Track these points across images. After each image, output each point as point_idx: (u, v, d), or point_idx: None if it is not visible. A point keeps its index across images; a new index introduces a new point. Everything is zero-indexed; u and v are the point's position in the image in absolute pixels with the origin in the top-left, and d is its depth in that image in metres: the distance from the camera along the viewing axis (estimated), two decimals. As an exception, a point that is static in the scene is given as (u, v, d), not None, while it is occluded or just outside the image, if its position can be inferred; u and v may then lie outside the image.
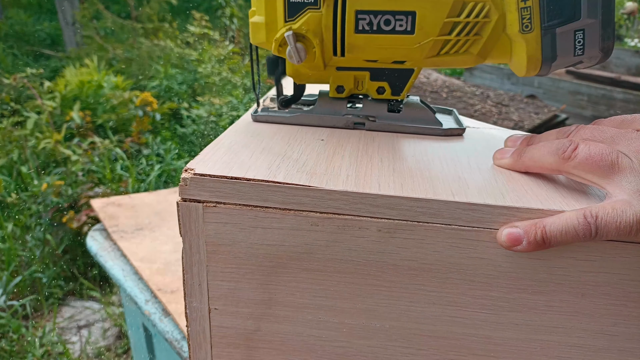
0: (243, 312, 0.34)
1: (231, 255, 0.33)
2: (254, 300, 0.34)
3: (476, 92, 1.63)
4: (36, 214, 2.06)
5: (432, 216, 0.31)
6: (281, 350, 0.35)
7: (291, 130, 0.42)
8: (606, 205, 0.28)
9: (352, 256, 0.32)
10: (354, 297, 0.33)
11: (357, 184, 0.31)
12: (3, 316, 1.66)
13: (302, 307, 0.34)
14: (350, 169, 0.34)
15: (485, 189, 0.32)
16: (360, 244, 0.32)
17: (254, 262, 0.33)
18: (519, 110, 1.49)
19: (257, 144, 0.37)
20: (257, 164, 0.33)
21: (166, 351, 0.71)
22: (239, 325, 0.35)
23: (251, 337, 0.35)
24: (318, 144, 0.39)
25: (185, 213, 0.32)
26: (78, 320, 1.74)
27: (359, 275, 0.33)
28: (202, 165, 0.32)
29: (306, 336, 0.35)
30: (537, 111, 1.49)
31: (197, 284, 0.34)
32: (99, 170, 2.30)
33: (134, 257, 0.72)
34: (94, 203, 0.86)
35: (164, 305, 0.64)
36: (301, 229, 0.32)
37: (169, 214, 0.85)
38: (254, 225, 0.32)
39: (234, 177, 0.31)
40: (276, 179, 0.31)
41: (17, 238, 2.07)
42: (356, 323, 0.34)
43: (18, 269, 1.91)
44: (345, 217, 0.31)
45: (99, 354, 1.58)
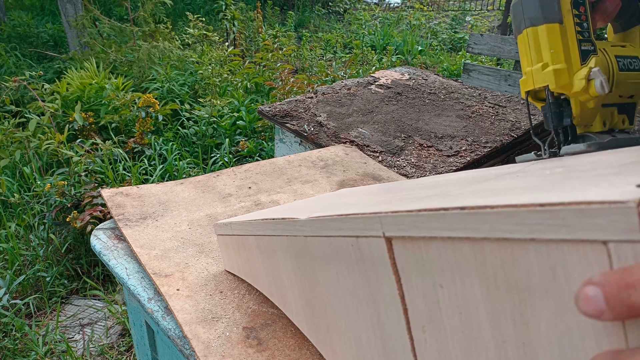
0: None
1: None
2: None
3: (473, 93, 1.65)
4: (39, 213, 2.09)
5: None
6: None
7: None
8: None
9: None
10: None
11: None
12: (6, 314, 1.68)
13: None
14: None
15: None
16: None
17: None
18: (516, 111, 1.50)
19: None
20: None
21: (169, 349, 0.73)
22: None
23: None
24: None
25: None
26: (81, 318, 1.76)
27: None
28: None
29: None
30: (534, 112, 1.51)
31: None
32: (101, 171, 2.32)
33: (135, 244, 0.74)
34: (104, 192, 0.89)
35: (156, 286, 0.66)
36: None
37: (174, 204, 0.87)
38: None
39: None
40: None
41: (20, 237, 2.09)
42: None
43: (22, 267, 1.93)
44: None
45: (101, 352, 1.60)
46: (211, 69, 3.39)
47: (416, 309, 0.33)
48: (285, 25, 6.24)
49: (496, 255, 0.26)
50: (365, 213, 0.35)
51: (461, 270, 0.28)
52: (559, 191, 0.24)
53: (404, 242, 0.32)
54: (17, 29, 5.32)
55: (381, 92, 1.60)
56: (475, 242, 0.27)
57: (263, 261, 0.57)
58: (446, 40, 6.16)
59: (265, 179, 0.99)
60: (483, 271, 0.27)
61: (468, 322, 0.29)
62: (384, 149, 1.21)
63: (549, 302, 0.24)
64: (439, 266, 0.30)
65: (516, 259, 0.25)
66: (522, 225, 0.23)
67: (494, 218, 0.25)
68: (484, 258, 0.27)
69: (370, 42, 5.88)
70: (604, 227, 0.20)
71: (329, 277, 0.43)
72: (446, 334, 0.31)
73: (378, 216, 0.33)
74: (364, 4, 8.38)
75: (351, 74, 3.92)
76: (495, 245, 0.25)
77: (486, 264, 0.27)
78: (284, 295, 0.55)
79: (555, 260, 0.23)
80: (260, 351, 0.55)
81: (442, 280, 0.30)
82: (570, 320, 0.23)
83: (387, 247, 0.33)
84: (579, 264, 0.22)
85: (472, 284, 0.28)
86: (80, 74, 3.16)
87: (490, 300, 0.27)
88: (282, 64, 3.65)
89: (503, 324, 0.27)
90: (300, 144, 1.37)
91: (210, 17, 6.36)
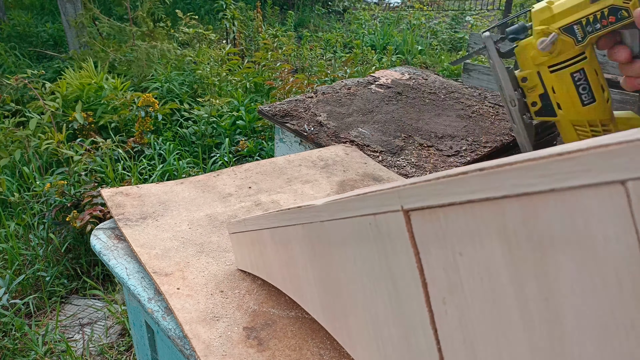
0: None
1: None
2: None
3: (473, 93, 1.65)
4: (39, 213, 2.09)
5: None
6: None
7: None
8: None
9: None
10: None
11: None
12: (6, 314, 1.68)
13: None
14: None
15: None
16: None
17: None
18: (516, 111, 1.50)
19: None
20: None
21: (169, 348, 0.73)
22: None
23: None
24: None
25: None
26: (81, 318, 1.76)
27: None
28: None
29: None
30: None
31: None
32: (101, 170, 2.32)
33: (135, 243, 0.74)
34: (104, 192, 0.89)
35: (156, 285, 0.66)
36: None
37: (174, 203, 0.87)
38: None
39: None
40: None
41: (20, 237, 2.09)
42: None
43: (21, 267, 1.93)
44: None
45: (101, 352, 1.60)
46: (209, 68, 3.39)
47: (436, 282, 0.33)
48: (285, 25, 6.24)
49: (517, 212, 0.25)
50: (384, 189, 0.35)
51: (481, 234, 0.28)
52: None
53: (422, 213, 0.32)
54: (16, 29, 5.31)
55: (381, 92, 1.60)
56: (495, 202, 0.26)
57: (277, 253, 0.58)
58: (446, 40, 6.16)
59: (266, 178, 0.99)
60: (504, 231, 0.27)
61: (490, 287, 0.29)
62: (384, 149, 1.21)
63: (570, 252, 0.24)
64: (458, 233, 0.30)
65: (537, 213, 0.24)
66: (542, 177, 0.23)
67: (514, 174, 0.24)
68: (504, 217, 0.26)
69: (370, 42, 5.88)
70: (622, 166, 0.20)
71: (346, 259, 0.43)
72: (467, 303, 0.30)
73: (397, 190, 0.33)
74: (364, 4, 8.37)
75: (351, 74, 3.92)
76: (516, 202, 0.25)
77: (506, 223, 0.26)
78: (299, 286, 0.56)
79: (574, 207, 0.23)
80: (260, 351, 0.55)
81: (462, 248, 0.30)
82: (592, 267, 0.23)
83: (406, 220, 0.33)
84: (598, 208, 0.22)
85: (492, 247, 0.28)
86: (80, 74, 3.16)
87: (512, 260, 0.27)
88: (281, 64, 3.65)
89: (525, 283, 0.26)
90: (300, 144, 1.37)
91: (210, 16, 6.36)
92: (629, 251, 0.21)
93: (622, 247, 0.21)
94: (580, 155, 0.21)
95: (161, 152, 2.61)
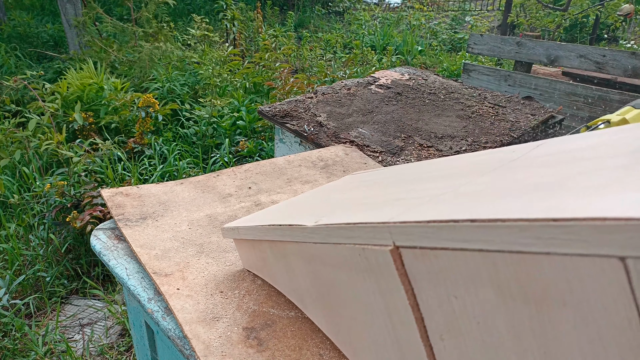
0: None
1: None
2: None
3: (473, 93, 1.65)
4: (39, 213, 2.09)
5: None
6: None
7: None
8: None
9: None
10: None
11: None
12: (6, 314, 1.68)
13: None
14: None
15: None
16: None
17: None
18: (516, 111, 1.50)
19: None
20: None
21: (168, 349, 0.73)
22: None
23: None
24: None
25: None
26: (81, 318, 1.76)
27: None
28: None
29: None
30: (534, 112, 1.51)
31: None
32: (101, 171, 2.32)
33: (135, 244, 0.74)
34: (104, 192, 0.89)
35: (156, 285, 0.66)
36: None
37: (174, 204, 0.87)
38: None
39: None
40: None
41: (20, 237, 2.09)
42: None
43: (21, 267, 1.93)
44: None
45: (101, 352, 1.60)
46: (211, 69, 3.39)
47: (433, 318, 0.32)
48: (285, 25, 6.24)
49: (509, 267, 0.25)
50: (374, 222, 0.34)
51: (475, 281, 0.28)
52: (571, 196, 0.24)
53: (414, 252, 0.32)
54: (17, 29, 5.32)
55: (381, 92, 1.60)
56: (487, 254, 0.26)
57: (278, 262, 0.57)
58: (446, 41, 6.16)
59: (265, 179, 0.99)
60: (497, 282, 0.27)
61: (487, 331, 0.29)
62: (384, 149, 1.21)
63: (568, 314, 0.24)
64: (451, 277, 0.29)
65: (531, 272, 0.24)
66: (536, 239, 0.23)
67: (507, 231, 0.24)
68: (497, 270, 0.26)
69: (370, 42, 5.88)
70: (621, 243, 0.20)
71: (341, 282, 0.43)
72: (465, 343, 0.30)
73: (387, 226, 0.33)
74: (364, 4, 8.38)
75: (351, 74, 3.92)
76: (509, 257, 0.25)
77: (500, 275, 0.26)
78: (301, 296, 0.56)
79: (571, 273, 0.23)
80: (260, 351, 0.55)
81: (456, 291, 0.30)
82: (591, 331, 0.23)
83: (394, 257, 0.33)
84: (596, 278, 0.22)
85: (486, 294, 0.28)
86: (81, 74, 3.16)
87: (507, 310, 0.27)
88: (281, 64, 3.65)
89: (522, 334, 0.26)
90: (300, 144, 1.37)
91: (210, 17, 6.36)
92: (630, 325, 0.21)
93: (622, 320, 0.21)
94: (576, 224, 0.21)
95: (162, 152, 2.61)
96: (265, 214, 0.66)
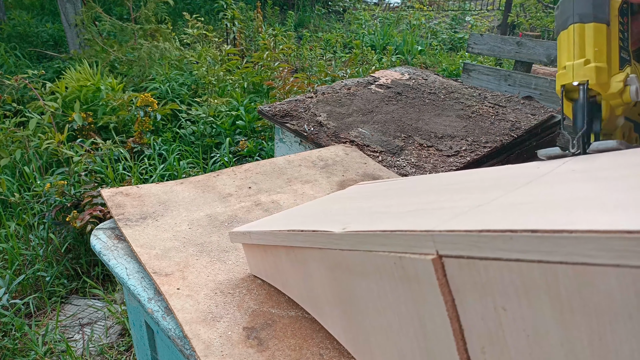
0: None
1: None
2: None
3: (473, 93, 1.65)
4: (39, 213, 2.09)
5: None
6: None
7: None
8: None
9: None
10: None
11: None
12: (6, 314, 1.68)
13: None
14: None
15: None
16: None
17: None
18: (516, 111, 1.50)
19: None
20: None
21: (169, 349, 0.73)
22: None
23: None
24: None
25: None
26: (81, 318, 1.76)
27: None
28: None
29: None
30: (534, 112, 1.51)
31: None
32: (101, 171, 2.32)
33: (135, 244, 0.74)
34: (104, 192, 0.89)
35: (156, 285, 0.65)
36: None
37: (174, 204, 0.87)
38: None
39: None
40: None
41: (20, 237, 2.09)
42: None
43: (21, 267, 1.93)
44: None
45: (101, 352, 1.60)
46: (206, 67, 3.39)
47: (474, 330, 0.32)
48: (285, 25, 6.24)
49: (572, 279, 0.25)
50: (415, 230, 0.33)
51: (528, 293, 0.27)
52: (634, 211, 0.23)
53: (458, 262, 0.31)
54: (17, 29, 5.31)
55: (381, 92, 1.60)
56: (547, 266, 0.26)
57: (293, 268, 0.56)
58: (446, 40, 6.16)
59: (265, 178, 0.99)
60: (555, 295, 0.26)
61: (537, 345, 0.28)
62: (384, 149, 1.21)
63: (634, 327, 0.23)
64: (501, 288, 0.29)
65: (595, 284, 0.24)
66: (605, 251, 0.23)
67: (572, 242, 0.24)
68: (556, 282, 0.26)
69: (370, 42, 5.88)
70: None
71: (368, 290, 0.41)
72: (510, 356, 0.30)
73: (431, 234, 0.32)
74: (364, 4, 8.38)
75: (351, 74, 3.92)
76: (571, 269, 0.25)
77: (560, 287, 0.26)
78: (317, 303, 0.54)
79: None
80: (260, 351, 0.55)
81: (506, 303, 0.29)
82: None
83: (435, 267, 0.32)
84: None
85: (541, 307, 0.27)
86: (78, 75, 3.16)
87: (563, 323, 0.26)
88: (280, 63, 3.65)
89: (579, 348, 0.26)
90: (300, 144, 1.37)
91: (210, 16, 6.36)
92: None
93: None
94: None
95: (161, 152, 2.61)
96: (276, 219, 0.64)
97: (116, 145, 2.54)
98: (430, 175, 0.71)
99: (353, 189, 0.75)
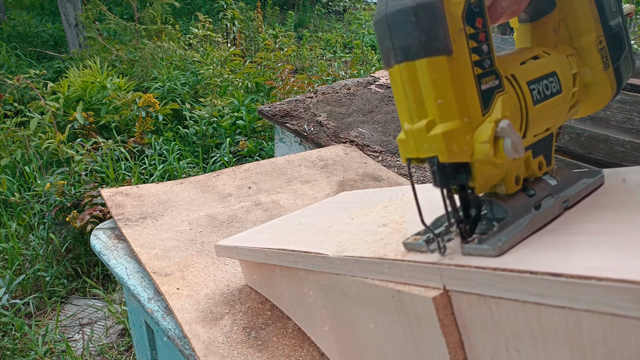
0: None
1: None
2: None
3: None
4: (39, 213, 2.09)
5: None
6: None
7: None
8: None
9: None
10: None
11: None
12: (6, 314, 1.68)
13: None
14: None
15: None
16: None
17: None
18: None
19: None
20: None
21: (168, 348, 0.73)
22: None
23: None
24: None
25: None
26: (81, 318, 1.76)
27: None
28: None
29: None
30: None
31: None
32: (102, 170, 2.32)
33: (135, 243, 0.74)
34: (103, 192, 0.89)
35: (156, 285, 0.65)
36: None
37: (174, 204, 0.87)
38: None
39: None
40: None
41: (20, 237, 2.09)
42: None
43: (21, 267, 1.93)
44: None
45: (101, 352, 1.60)
46: (212, 68, 3.39)
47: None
48: (285, 25, 6.24)
49: (597, 329, 0.23)
50: (420, 261, 0.31)
51: (545, 338, 0.25)
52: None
53: (468, 297, 0.29)
54: (17, 29, 5.32)
55: (381, 92, 1.60)
56: (570, 312, 0.24)
57: (288, 285, 0.54)
58: (446, 40, 6.15)
59: (265, 178, 0.99)
60: (577, 343, 0.24)
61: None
62: (384, 149, 1.21)
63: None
64: (515, 329, 0.27)
65: (626, 336, 0.22)
66: (636, 303, 0.21)
67: (600, 291, 0.22)
68: (579, 330, 0.24)
69: (370, 42, 5.87)
70: None
71: (364, 319, 0.39)
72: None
73: (438, 268, 0.30)
74: (364, 4, 8.37)
75: (351, 74, 3.92)
76: (598, 318, 0.23)
77: (582, 336, 0.24)
78: (312, 323, 0.53)
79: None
80: (260, 351, 0.55)
81: (519, 345, 0.27)
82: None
83: (437, 306, 0.29)
84: None
85: (559, 352, 0.25)
86: (83, 72, 3.17)
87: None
88: (282, 64, 3.65)
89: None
90: (300, 144, 1.37)
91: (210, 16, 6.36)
92: None
93: None
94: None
95: (162, 152, 2.61)
96: (265, 231, 0.61)
97: (117, 144, 2.54)
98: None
99: (343, 195, 0.72)
